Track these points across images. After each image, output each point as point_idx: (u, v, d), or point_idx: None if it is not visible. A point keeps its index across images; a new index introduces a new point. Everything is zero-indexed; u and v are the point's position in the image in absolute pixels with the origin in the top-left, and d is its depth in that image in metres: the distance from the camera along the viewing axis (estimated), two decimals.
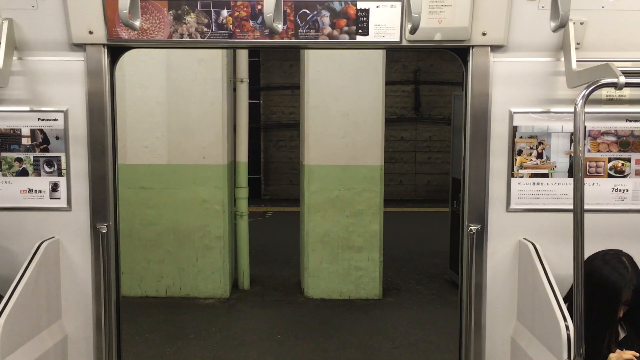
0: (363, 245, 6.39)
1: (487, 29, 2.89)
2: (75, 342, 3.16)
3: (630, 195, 3.04)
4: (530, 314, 2.90)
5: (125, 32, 2.90)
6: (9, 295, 2.70)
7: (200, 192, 6.39)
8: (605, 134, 3.02)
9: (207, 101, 6.32)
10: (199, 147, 6.35)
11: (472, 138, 3.03)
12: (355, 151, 6.35)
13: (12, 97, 3.03)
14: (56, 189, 3.10)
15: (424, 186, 13.83)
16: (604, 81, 2.43)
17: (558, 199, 3.05)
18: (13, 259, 3.05)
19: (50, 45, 2.98)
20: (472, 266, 3.05)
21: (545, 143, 3.03)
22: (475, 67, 2.97)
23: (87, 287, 3.12)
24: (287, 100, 13.51)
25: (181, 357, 5.02)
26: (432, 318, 5.97)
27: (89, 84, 3.01)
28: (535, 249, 2.90)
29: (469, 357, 3.11)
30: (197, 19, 2.89)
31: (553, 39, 2.91)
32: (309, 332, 5.62)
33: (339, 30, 2.90)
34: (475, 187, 3.05)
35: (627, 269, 2.53)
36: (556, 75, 2.97)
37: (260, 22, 2.88)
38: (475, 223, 3.05)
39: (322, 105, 6.31)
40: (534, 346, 2.78)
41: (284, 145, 13.72)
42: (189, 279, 6.47)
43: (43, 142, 3.08)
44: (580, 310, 2.32)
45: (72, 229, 3.11)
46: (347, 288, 6.48)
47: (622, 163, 3.04)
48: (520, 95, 3.00)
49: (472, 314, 3.07)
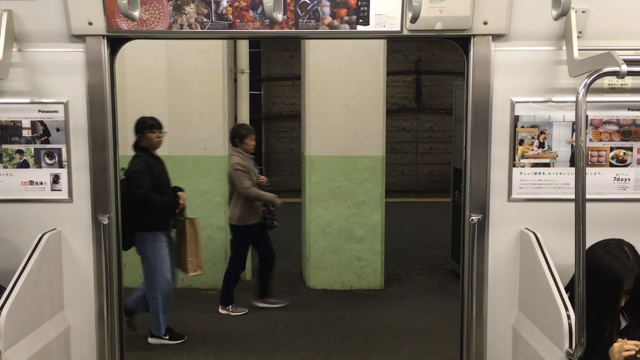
0: (364, 235, 6.40)
1: (488, 18, 2.88)
2: (78, 334, 3.17)
3: (632, 184, 3.04)
4: (531, 303, 2.90)
5: (124, 23, 2.89)
6: (11, 287, 2.71)
7: (201, 184, 6.39)
8: (607, 123, 3.01)
9: (208, 92, 6.31)
10: (200, 138, 6.35)
11: (474, 128, 3.02)
12: (357, 142, 6.34)
13: (12, 89, 3.03)
14: (57, 180, 3.10)
15: (425, 176, 13.83)
16: (606, 70, 2.41)
17: (559, 188, 3.05)
18: (15, 251, 3.06)
19: (50, 36, 2.97)
20: (473, 256, 3.05)
21: (547, 132, 3.02)
22: (476, 56, 2.96)
23: (89, 278, 3.13)
24: (288, 91, 13.49)
25: (183, 348, 5.04)
26: (434, 308, 5.99)
27: (89, 76, 3.01)
28: (536, 238, 2.89)
29: (471, 347, 3.12)
30: (197, 9, 2.88)
31: (555, 28, 2.90)
32: (311, 322, 5.64)
33: (339, 20, 2.89)
34: (476, 177, 3.05)
35: (629, 258, 2.53)
36: (558, 64, 2.95)
37: (260, 12, 2.87)
38: (477, 213, 3.04)
39: (323, 96, 6.30)
40: (536, 335, 2.78)
41: (285, 136, 13.71)
42: None
43: (44, 133, 3.08)
44: (582, 299, 2.32)
45: (74, 220, 3.11)
46: (348, 278, 6.49)
47: (623, 152, 3.03)
48: (521, 84, 2.98)
49: (473, 304, 3.08)
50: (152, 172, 4.84)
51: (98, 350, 3.17)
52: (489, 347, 3.11)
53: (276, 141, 13.76)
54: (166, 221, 4.97)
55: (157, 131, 4.92)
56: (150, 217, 4.81)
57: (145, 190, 4.75)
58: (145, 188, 4.76)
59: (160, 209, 4.85)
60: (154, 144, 4.94)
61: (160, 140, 4.96)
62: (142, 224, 4.77)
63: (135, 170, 4.79)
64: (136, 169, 4.79)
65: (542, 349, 2.67)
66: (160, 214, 4.89)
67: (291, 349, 5.04)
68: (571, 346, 2.43)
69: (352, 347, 5.07)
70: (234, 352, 4.99)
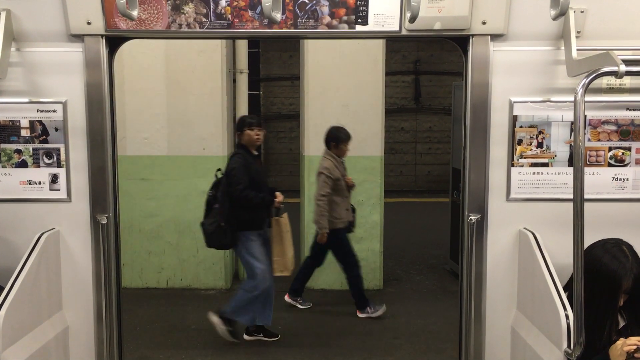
0: (363, 235, 6.39)
1: (487, 18, 2.88)
2: (76, 333, 3.17)
3: (630, 184, 3.04)
4: (530, 303, 2.90)
5: (123, 22, 2.89)
6: (10, 287, 2.71)
7: (200, 184, 6.37)
8: (605, 123, 3.02)
9: (207, 92, 6.30)
10: (199, 138, 6.35)
11: (472, 128, 3.02)
12: (356, 142, 6.31)
13: (10, 89, 3.03)
14: (56, 180, 3.10)
15: (424, 177, 13.83)
16: (604, 70, 2.41)
17: (558, 188, 3.05)
18: (13, 250, 3.06)
19: (48, 36, 2.97)
20: (472, 256, 3.05)
21: (546, 132, 3.03)
22: (475, 56, 2.96)
23: (88, 278, 3.12)
24: (287, 91, 13.48)
25: (182, 348, 5.04)
26: (433, 308, 5.99)
27: (88, 75, 3.00)
28: (535, 238, 2.90)
29: (469, 347, 3.12)
30: (196, 8, 2.88)
31: (553, 28, 2.90)
32: (310, 322, 5.64)
33: (338, 19, 2.89)
34: (475, 177, 3.05)
35: (627, 258, 2.53)
36: (556, 64, 2.96)
37: (259, 12, 2.87)
38: (476, 213, 3.04)
39: (322, 96, 6.30)
40: (534, 335, 2.79)
41: (284, 137, 13.70)
42: (190, 270, 6.49)
43: (42, 133, 3.08)
44: (580, 299, 2.32)
45: (72, 220, 3.11)
46: None
47: (622, 152, 3.03)
48: (520, 84, 2.99)
49: (472, 304, 3.08)
50: (249, 169, 4.83)
51: (96, 350, 3.17)
52: (488, 346, 3.11)
53: (275, 141, 13.74)
54: (261, 220, 4.94)
55: (255, 129, 4.90)
56: (247, 215, 4.81)
57: (243, 188, 4.75)
58: (243, 185, 4.75)
59: (256, 206, 4.84)
60: (253, 142, 4.92)
61: (259, 138, 4.94)
62: (238, 222, 4.78)
63: (234, 167, 4.80)
64: (234, 166, 4.80)
65: (540, 349, 2.67)
66: (256, 212, 4.88)
67: (290, 349, 5.03)
68: (569, 346, 2.43)
69: (351, 347, 5.06)
70: (233, 351, 4.98)
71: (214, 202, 4.82)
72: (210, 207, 4.88)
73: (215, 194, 4.85)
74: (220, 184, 4.86)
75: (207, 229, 4.82)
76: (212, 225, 4.79)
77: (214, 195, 4.87)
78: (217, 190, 4.85)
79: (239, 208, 4.77)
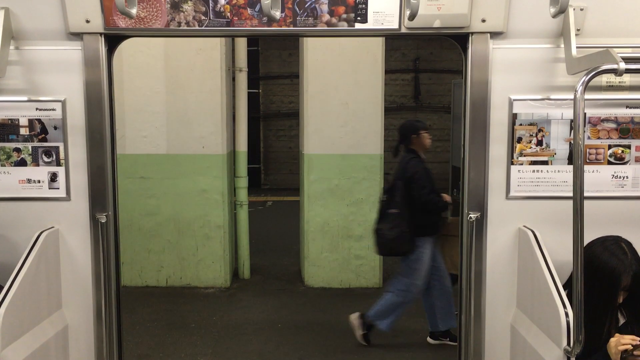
0: (363, 234, 6.39)
1: (487, 16, 2.87)
2: (76, 332, 3.17)
3: (630, 182, 3.04)
4: (529, 301, 2.91)
5: (122, 20, 2.89)
6: (9, 285, 2.70)
7: (199, 182, 6.39)
8: (605, 120, 3.01)
9: (206, 91, 6.30)
10: (198, 136, 6.35)
11: (472, 126, 3.02)
12: (355, 140, 6.34)
13: (9, 87, 3.02)
14: (55, 178, 3.10)
15: None
16: (604, 67, 2.41)
17: (558, 186, 3.05)
18: (13, 249, 3.06)
19: (47, 34, 2.97)
20: (471, 254, 3.05)
21: (545, 130, 3.03)
22: (474, 54, 2.95)
23: (87, 276, 3.12)
24: (286, 89, 13.47)
25: (182, 347, 5.04)
26: None
27: (87, 74, 3.00)
28: (534, 236, 2.90)
29: (469, 344, 3.12)
30: (195, 7, 2.87)
31: (553, 25, 2.90)
32: (309, 320, 5.64)
33: (337, 17, 2.88)
34: (474, 175, 3.05)
35: (627, 255, 2.53)
36: (556, 62, 2.95)
37: (258, 10, 2.87)
38: (475, 211, 3.04)
39: (322, 94, 6.30)
40: (534, 333, 2.79)
41: (283, 135, 13.70)
42: (190, 269, 6.49)
43: (41, 132, 3.07)
44: (580, 297, 2.32)
45: (72, 218, 3.11)
46: (347, 277, 6.49)
47: (622, 150, 3.03)
48: (519, 82, 2.98)
49: (471, 302, 3.08)
50: (429, 174, 4.80)
51: (96, 348, 3.17)
52: (487, 344, 3.11)
53: (274, 139, 13.74)
54: (437, 225, 4.90)
55: (427, 132, 4.91)
56: (426, 220, 4.75)
57: (428, 192, 4.70)
58: (428, 189, 4.70)
59: (440, 210, 4.81)
60: (426, 145, 4.92)
61: (430, 140, 4.96)
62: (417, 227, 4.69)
63: (416, 171, 4.73)
64: (417, 170, 4.74)
65: (540, 347, 2.67)
66: (435, 216, 4.84)
67: (289, 347, 5.04)
68: (569, 344, 2.43)
69: (350, 345, 5.06)
70: (232, 350, 4.99)
71: (389, 207, 4.73)
72: (384, 212, 4.78)
73: (391, 198, 4.76)
74: (394, 188, 4.77)
75: (387, 235, 4.69)
76: (393, 231, 4.65)
77: (388, 200, 4.78)
78: (392, 195, 4.76)
79: (418, 213, 4.69)
